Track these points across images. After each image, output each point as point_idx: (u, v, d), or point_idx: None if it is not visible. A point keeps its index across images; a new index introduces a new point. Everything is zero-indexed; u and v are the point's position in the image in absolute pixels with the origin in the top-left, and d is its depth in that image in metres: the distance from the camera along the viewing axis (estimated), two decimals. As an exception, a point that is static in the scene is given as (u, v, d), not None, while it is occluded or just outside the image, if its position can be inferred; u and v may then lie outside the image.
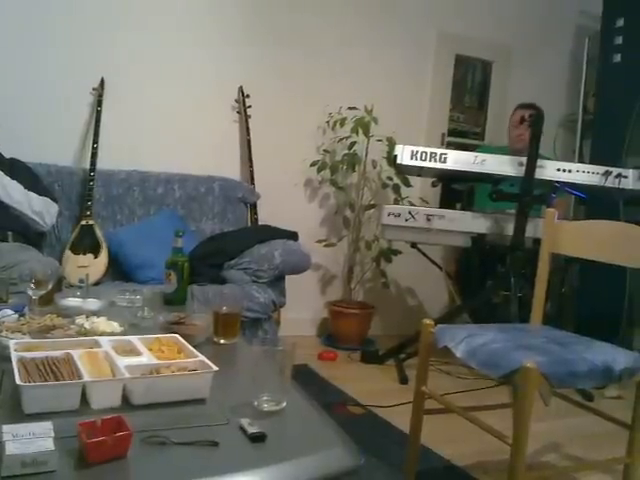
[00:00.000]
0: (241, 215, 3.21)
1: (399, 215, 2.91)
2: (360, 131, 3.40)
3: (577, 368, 1.54)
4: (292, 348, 1.30)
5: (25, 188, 2.52)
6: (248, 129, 3.32)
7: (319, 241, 3.52)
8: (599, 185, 2.82)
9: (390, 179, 3.55)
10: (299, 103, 3.46)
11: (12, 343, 1.31)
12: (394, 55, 3.70)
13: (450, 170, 2.85)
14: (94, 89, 2.99)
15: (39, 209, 2.52)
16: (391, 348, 3.16)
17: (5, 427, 0.97)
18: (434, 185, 3.16)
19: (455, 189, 3.06)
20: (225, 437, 1.08)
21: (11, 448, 0.91)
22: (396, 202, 3.48)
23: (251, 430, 1.10)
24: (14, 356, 1.23)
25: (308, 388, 1.36)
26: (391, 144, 3.37)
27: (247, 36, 3.33)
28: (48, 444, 0.94)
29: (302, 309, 3.46)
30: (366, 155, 3.49)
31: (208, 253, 2.71)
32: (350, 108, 3.42)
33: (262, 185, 3.30)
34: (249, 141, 3.31)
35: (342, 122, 3.44)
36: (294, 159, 3.46)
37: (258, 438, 1.08)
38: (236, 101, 3.34)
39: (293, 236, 2.88)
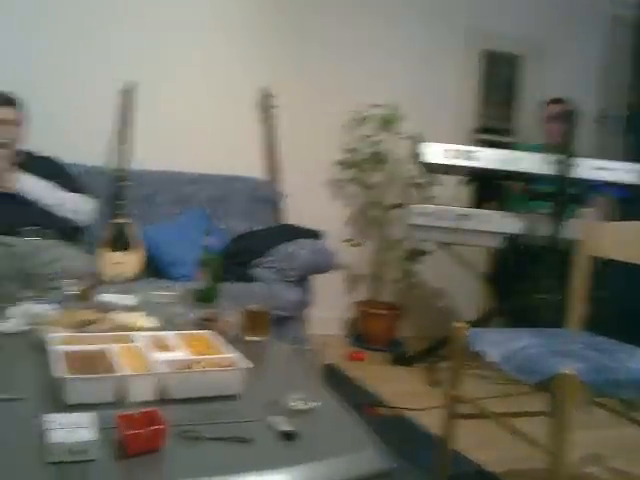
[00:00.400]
0: (266, 214, 3.21)
1: (427, 214, 2.86)
2: (385, 129, 3.38)
3: (619, 376, 1.49)
4: (322, 348, 1.31)
5: (60, 187, 2.57)
6: (273, 128, 3.33)
7: (345, 240, 3.51)
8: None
9: (418, 177, 3.50)
10: (324, 102, 3.45)
11: (52, 337, 1.34)
12: (420, 51, 3.67)
13: (481, 168, 2.81)
14: (124, 90, 3.04)
15: (75, 208, 2.58)
16: (421, 350, 3.13)
17: (50, 416, 1.00)
18: (464, 184, 3.12)
19: (487, 187, 3.00)
20: (256, 434, 1.09)
21: (56, 436, 0.94)
22: (424, 201, 3.44)
23: (282, 428, 1.10)
24: (53, 349, 1.26)
25: (337, 388, 1.35)
26: (418, 142, 3.34)
27: (272, 36, 3.34)
28: (89, 434, 0.96)
29: (329, 308, 3.45)
30: (392, 153, 3.46)
31: (235, 252, 2.73)
32: (375, 106, 3.40)
33: (287, 184, 3.31)
34: (274, 140, 3.33)
35: (367, 120, 3.43)
36: (319, 158, 3.46)
37: (289, 436, 1.09)
38: (262, 101, 3.36)
39: (317, 235, 2.88)
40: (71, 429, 0.96)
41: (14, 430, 1.03)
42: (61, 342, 1.32)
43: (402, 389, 2.79)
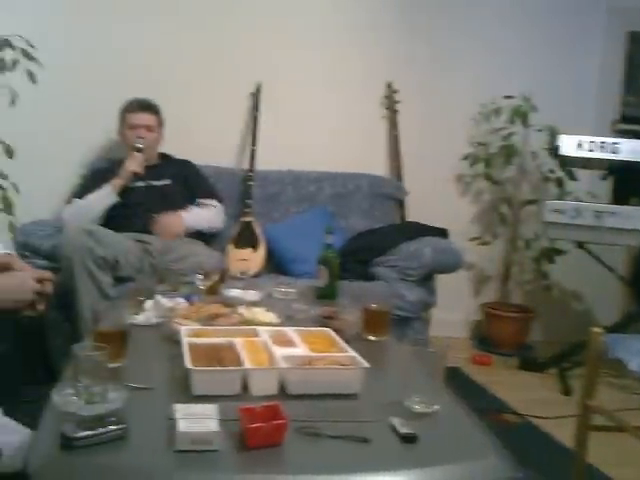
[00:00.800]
0: (389, 212, 3.18)
1: (563, 211, 2.71)
2: (517, 121, 3.22)
3: None
4: (445, 350, 1.27)
5: (199, 196, 2.74)
6: (396, 124, 3.29)
7: (472, 239, 3.38)
8: None
9: (552, 172, 3.30)
10: (449, 95, 3.35)
11: (183, 329, 1.43)
12: (555, 35, 3.43)
13: (623, 161, 2.58)
14: (252, 94, 3.16)
15: (210, 225, 2.72)
16: (553, 356, 2.95)
17: (177, 406, 1.06)
18: (604, 178, 2.89)
19: (629, 181, 2.76)
20: (375, 435, 1.08)
21: (182, 426, 0.99)
22: (560, 197, 3.23)
23: (402, 430, 1.08)
24: (185, 341, 1.33)
25: (460, 392, 1.32)
26: (553, 134, 3.14)
27: (395, 32, 3.28)
28: (213, 425, 1.00)
29: (454, 310, 3.35)
30: (524, 146, 3.29)
31: (356, 249, 2.73)
32: (506, 97, 3.24)
33: (411, 181, 3.25)
34: (397, 136, 3.29)
35: (497, 112, 3.28)
36: (444, 153, 3.36)
37: (409, 439, 1.07)
38: (385, 97, 3.34)
39: (443, 233, 2.80)
40: (197, 420, 1.01)
41: (146, 418, 1.10)
42: (190, 335, 1.40)
43: (531, 396, 2.66)
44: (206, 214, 2.74)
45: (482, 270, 3.55)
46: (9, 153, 2.60)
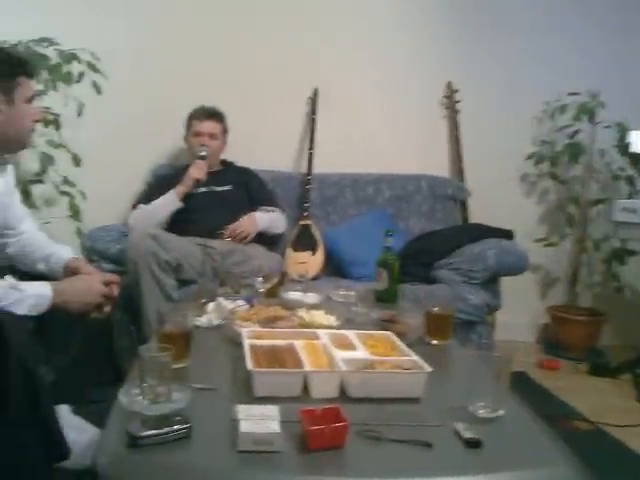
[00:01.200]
0: (450, 213, 3.13)
1: (635, 211, 2.60)
2: (584, 118, 3.10)
3: None
4: (510, 354, 1.24)
5: (260, 203, 2.76)
6: (457, 124, 3.24)
7: (538, 240, 3.27)
8: None
9: (622, 170, 3.15)
10: (511, 93, 3.25)
11: (244, 331, 1.44)
12: (623, 25, 3.26)
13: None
14: (309, 98, 3.18)
15: (276, 226, 2.76)
16: (627, 361, 2.82)
17: (240, 407, 1.07)
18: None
19: None
20: (438, 439, 1.06)
21: (245, 426, 1.00)
22: (630, 196, 3.08)
23: (466, 435, 1.06)
24: (246, 343, 1.34)
25: (527, 398, 1.28)
26: (623, 130, 3.00)
27: (454, 31, 3.23)
28: (275, 426, 1.01)
29: (520, 313, 3.24)
30: (592, 144, 3.16)
31: (417, 252, 2.69)
32: (571, 94, 3.11)
33: (473, 181, 3.19)
34: (458, 137, 3.23)
35: (562, 110, 3.16)
36: (507, 153, 3.27)
37: (473, 444, 1.05)
38: (445, 97, 3.28)
39: (507, 235, 2.72)
40: (258, 420, 1.01)
41: (209, 418, 1.11)
42: (251, 336, 1.41)
43: (603, 403, 2.54)
44: (273, 216, 2.77)
45: (549, 272, 3.43)
46: (76, 161, 2.72)
